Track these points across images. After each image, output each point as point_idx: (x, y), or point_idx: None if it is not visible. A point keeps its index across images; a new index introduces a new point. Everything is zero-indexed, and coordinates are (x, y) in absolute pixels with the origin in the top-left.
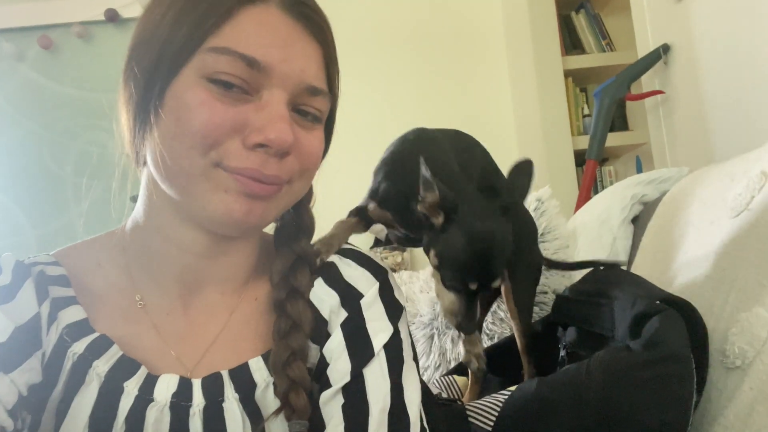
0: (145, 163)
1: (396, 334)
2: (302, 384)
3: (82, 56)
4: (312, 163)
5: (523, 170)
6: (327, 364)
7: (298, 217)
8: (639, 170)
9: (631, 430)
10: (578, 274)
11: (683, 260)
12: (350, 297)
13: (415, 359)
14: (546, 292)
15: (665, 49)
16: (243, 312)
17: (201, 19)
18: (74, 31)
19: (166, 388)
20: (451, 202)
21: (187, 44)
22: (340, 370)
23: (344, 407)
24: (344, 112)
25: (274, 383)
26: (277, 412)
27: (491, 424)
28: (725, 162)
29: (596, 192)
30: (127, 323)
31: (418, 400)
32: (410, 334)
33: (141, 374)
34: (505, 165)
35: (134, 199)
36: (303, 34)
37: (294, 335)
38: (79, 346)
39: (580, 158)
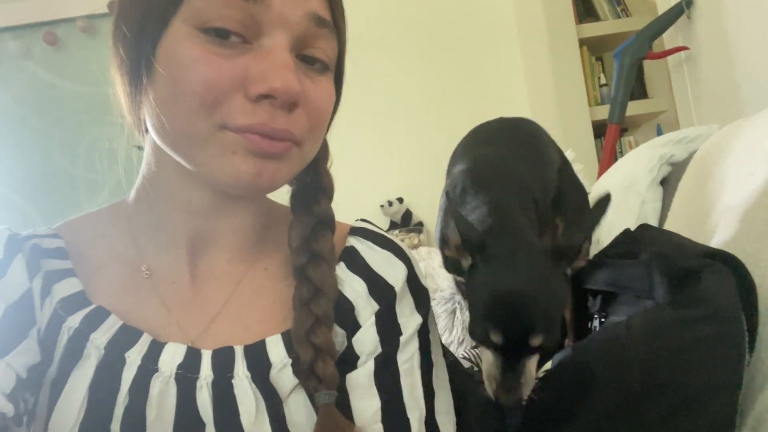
0: (147, 129)
1: (424, 324)
2: (329, 352)
3: (87, 51)
4: (322, 118)
5: (601, 205)
6: (357, 357)
7: (316, 178)
8: None
9: (677, 394)
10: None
11: (720, 216)
12: (379, 287)
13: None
14: None
15: (688, 2)
16: (252, 281)
17: None
18: (78, 25)
19: (171, 358)
20: (477, 241)
21: None
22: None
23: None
24: (354, 101)
25: (292, 363)
26: (303, 383)
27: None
28: (760, 112)
29: None
30: (128, 293)
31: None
32: (434, 319)
33: (144, 342)
34: None
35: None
36: None
37: (317, 301)
38: (74, 320)
39: (598, 130)
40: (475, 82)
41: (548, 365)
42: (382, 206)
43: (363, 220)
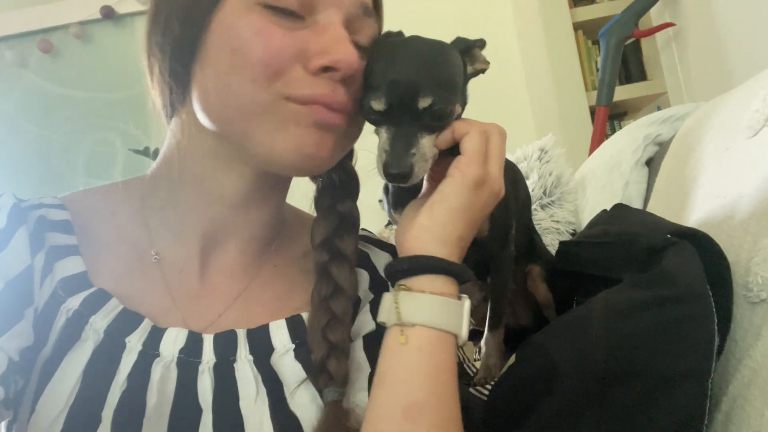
0: (173, 114)
1: None
2: (343, 350)
3: (82, 57)
4: None
5: None
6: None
7: (342, 176)
8: None
9: (645, 382)
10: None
11: (699, 194)
12: (378, 281)
13: None
14: None
15: None
16: (262, 278)
17: None
18: (71, 32)
19: (173, 342)
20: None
21: None
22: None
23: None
24: None
25: (295, 349)
26: (313, 379)
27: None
28: (740, 86)
29: None
30: (132, 277)
31: None
32: None
33: (145, 327)
34: (517, 128)
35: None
36: None
37: (337, 299)
38: (74, 302)
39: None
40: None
41: (512, 359)
42: (380, 201)
43: (363, 229)
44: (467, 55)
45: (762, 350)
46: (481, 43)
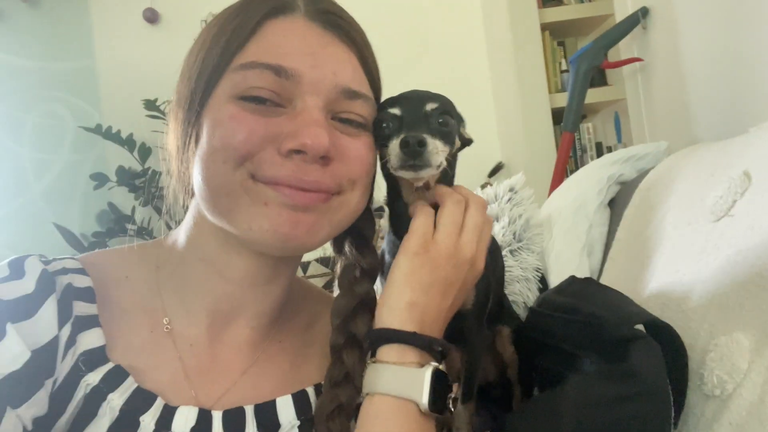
0: (193, 194)
1: None
2: None
3: (30, 23)
4: (362, 170)
5: None
6: None
7: (360, 257)
8: (617, 127)
9: None
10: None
11: (659, 262)
12: None
13: None
14: (515, 302)
15: (644, 12)
16: (268, 353)
17: (228, 41)
18: None
19: (184, 421)
20: None
21: (217, 66)
22: None
23: None
24: None
25: (300, 426)
26: None
27: None
28: (705, 147)
29: (574, 153)
30: (146, 351)
31: None
32: None
33: (158, 406)
34: (480, 123)
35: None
36: (332, 39)
37: (344, 386)
38: (93, 377)
39: (557, 117)
40: (437, 66)
41: None
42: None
43: None
44: (461, 119)
45: None
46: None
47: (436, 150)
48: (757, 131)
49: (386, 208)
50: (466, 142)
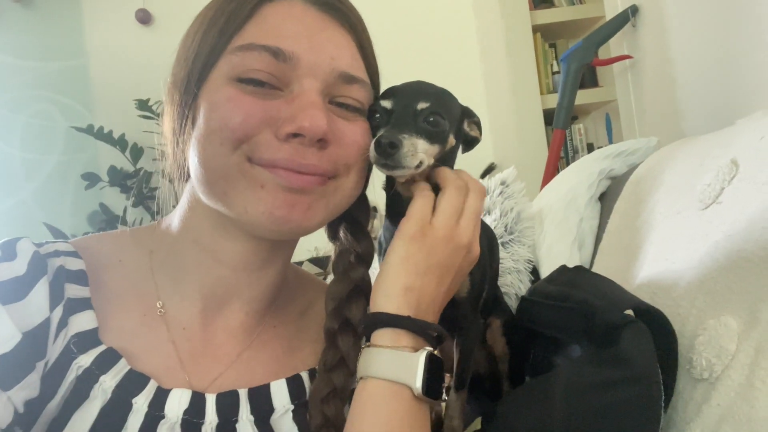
0: (188, 177)
1: None
2: (335, 424)
3: (23, 23)
4: (357, 154)
5: None
6: None
7: (356, 243)
8: (608, 128)
9: None
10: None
11: (649, 252)
12: None
13: None
14: (507, 293)
15: (633, 10)
16: (262, 338)
17: (226, 23)
18: None
19: (177, 404)
20: None
21: (215, 48)
22: None
23: None
24: None
25: (294, 410)
26: None
27: None
28: (694, 139)
29: (565, 154)
30: (139, 334)
31: None
32: None
33: (150, 389)
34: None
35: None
36: (330, 23)
37: (339, 371)
38: (85, 359)
39: (549, 118)
40: (430, 66)
41: (477, 424)
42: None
43: None
44: (467, 115)
45: (701, 428)
46: (478, 120)
47: (413, 151)
48: (745, 121)
49: (384, 193)
50: (472, 140)
